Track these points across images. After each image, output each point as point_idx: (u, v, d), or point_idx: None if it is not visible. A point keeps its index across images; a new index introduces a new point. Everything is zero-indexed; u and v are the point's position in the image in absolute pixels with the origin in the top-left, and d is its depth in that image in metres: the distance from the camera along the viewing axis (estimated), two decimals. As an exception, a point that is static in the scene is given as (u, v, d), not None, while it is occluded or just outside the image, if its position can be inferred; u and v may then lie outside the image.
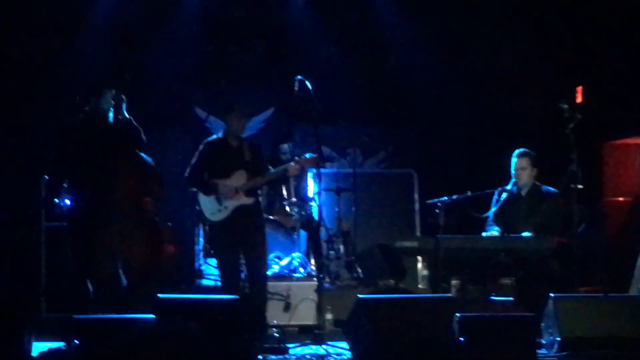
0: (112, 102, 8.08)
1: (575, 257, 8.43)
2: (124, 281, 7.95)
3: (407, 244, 8.88)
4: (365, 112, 12.68)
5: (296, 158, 9.02)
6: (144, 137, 8.20)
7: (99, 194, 7.94)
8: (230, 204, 8.70)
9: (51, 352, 7.73)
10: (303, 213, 10.79)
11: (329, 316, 9.35)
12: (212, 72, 12.44)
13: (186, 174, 8.89)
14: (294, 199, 10.79)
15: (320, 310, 8.77)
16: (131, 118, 8.11)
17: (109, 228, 7.91)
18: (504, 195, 9.12)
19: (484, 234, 9.12)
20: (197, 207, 9.24)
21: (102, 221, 7.91)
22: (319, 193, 10.42)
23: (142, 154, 8.27)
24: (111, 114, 8.10)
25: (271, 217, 10.58)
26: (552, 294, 7.72)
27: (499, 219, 9.18)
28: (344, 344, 8.00)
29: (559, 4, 11.84)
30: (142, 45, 12.05)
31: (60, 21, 11.75)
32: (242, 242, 8.73)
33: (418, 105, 12.53)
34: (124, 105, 8.08)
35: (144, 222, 8.14)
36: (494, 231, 9.11)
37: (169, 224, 10.15)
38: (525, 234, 8.86)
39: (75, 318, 7.08)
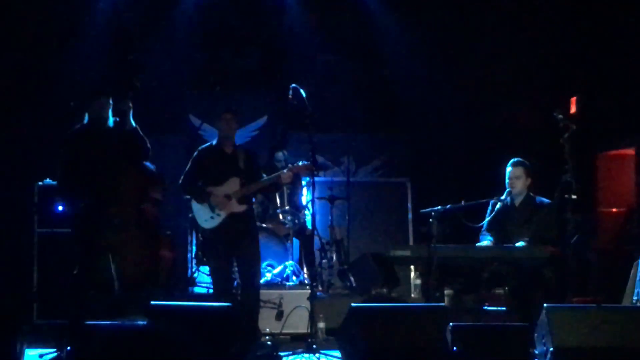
0: (110, 108, 8.08)
1: (569, 267, 8.41)
2: (117, 286, 7.94)
3: (401, 253, 8.84)
4: (360, 120, 12.66)
5: (289, 165, 9.01)
6: (149, 147, 8.18)
7: (102, 200, 7.93)
8: (223, 212, 8.67)
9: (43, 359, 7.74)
10: (296, 221, 10.79)
11: (321, 325, 9.34)
12: (207, 79, 12.42)
13: (180, 182, 8.86)
14: (287, 207, 10.79)
15: (312, 318, 8.76)
16: (137, 127, 8.09)
17: (112, 234, 7.90)
18: (499, 205, 9.10)
19: (477, 244, 9.11)
20: (190, 215, 9.21)
21: (105, 227, 7.89)
22: (312, 201, 10.41)
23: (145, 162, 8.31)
24: (111, 120, 8.09)
25: (264, 225, 10.57)
26: (545, 304, 7.69)
27: (492, 229, 9.16)
28: (337, 353, 7.99)
29: (554, 14, 11.84)
30: (137, 51, 12.02)
31: (55, 26, 11.72)
32: (234, 249, 8.71)
33: (413, 114, 12.52)
34: (131, 113, 8.05)
35: (144, 229, 8.14)
36: (486, 241, 9.10)
37: (168, 232, 10.18)
38: (520, 243, 8.85)
39: (68, 324, 7.07)
